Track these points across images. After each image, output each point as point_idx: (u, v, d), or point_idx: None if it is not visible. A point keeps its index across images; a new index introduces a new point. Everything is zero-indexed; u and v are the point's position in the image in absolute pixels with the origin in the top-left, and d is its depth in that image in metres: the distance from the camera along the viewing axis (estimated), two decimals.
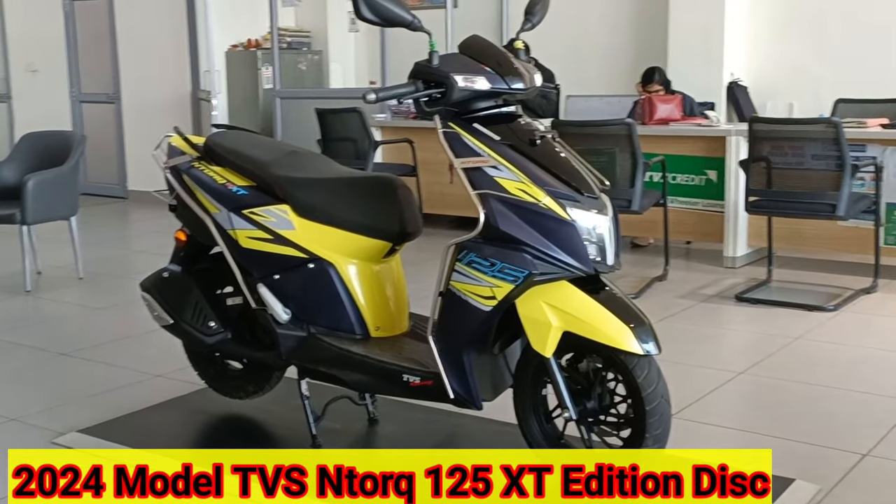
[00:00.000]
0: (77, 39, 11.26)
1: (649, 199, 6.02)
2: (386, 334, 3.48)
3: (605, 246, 3.01)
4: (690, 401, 4.03)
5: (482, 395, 3.16)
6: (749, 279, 6.20)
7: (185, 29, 10.23)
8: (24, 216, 6.18)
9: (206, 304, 3.70)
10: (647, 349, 2.91)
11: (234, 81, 10.02)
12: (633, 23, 8.80)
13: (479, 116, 3.06)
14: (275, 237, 3.43)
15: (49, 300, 6.16)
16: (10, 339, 5.26)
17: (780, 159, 5.59)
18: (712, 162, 6.67)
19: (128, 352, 4.92)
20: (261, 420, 3.90)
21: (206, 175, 3.58)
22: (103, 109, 11.07)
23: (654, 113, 6.97)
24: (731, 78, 8.26)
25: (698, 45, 8.16)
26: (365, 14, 2.93)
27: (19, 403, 4.20)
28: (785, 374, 4.42)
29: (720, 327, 5.26)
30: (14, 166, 6.68)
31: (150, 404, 4.11)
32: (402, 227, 3.42)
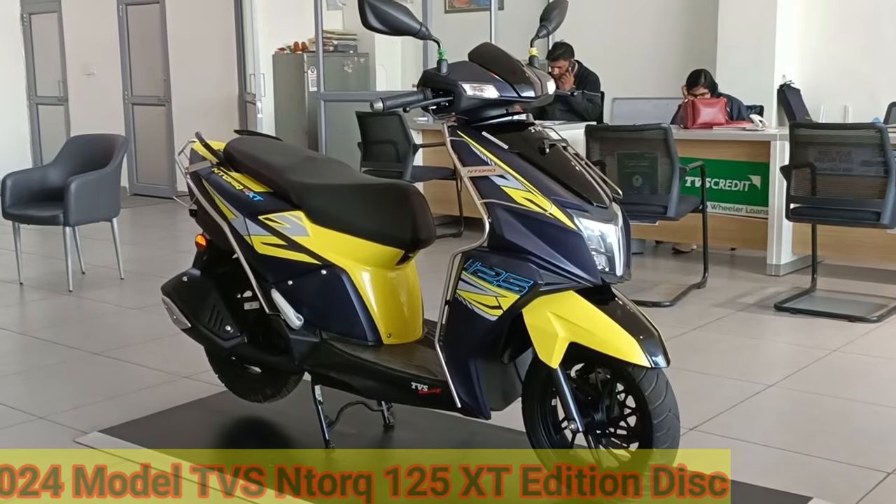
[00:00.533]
0: (130, 43, 11.44)
1: (687, 205, 5.93)
2: (398, 341, 3.47)
3: (613, 256, 2.96)
4: (713, 414, 3.95)
5: (491, 405, 3.14)
6: (792, 288, 6.08)
7: (233, 32, 10.34)
8: (67, 217, 6.30)
9: (223, 309, 3.72)
10: (655, 362, 2.86)
11: (280, 84, 10.08)
12: (682, 24, 8.68)
13: (489, 125, 3.03)
14: (289, 243, 3.44)
15: (89, 300, 6.26)
16: (47, 338, 5.36)
17: (823, 165, 5.47)
18: (756, 167, 6.55)
19: (158, 352, 4.98)
20: (277, 423, 3.92)
21: (224, 181, 3.61)
22: (154, 112, 11.23)
23: (698, 117, 6.87)
24: (783, 80, 8.10)
25: (749, 46, 8.02)
26: (371, 22, 2.92)
27: (48, 402, 4.27)
28: (816, 387, 4.32)
29: (755, 338, 5.15)
30: (60, 169, 6.80)
31: (173, 405, 4.16)
32: (415, 234, 3.41)
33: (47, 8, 12.21)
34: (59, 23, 12.12)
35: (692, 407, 3.97)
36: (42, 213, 6.44)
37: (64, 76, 12.20)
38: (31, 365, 4.94)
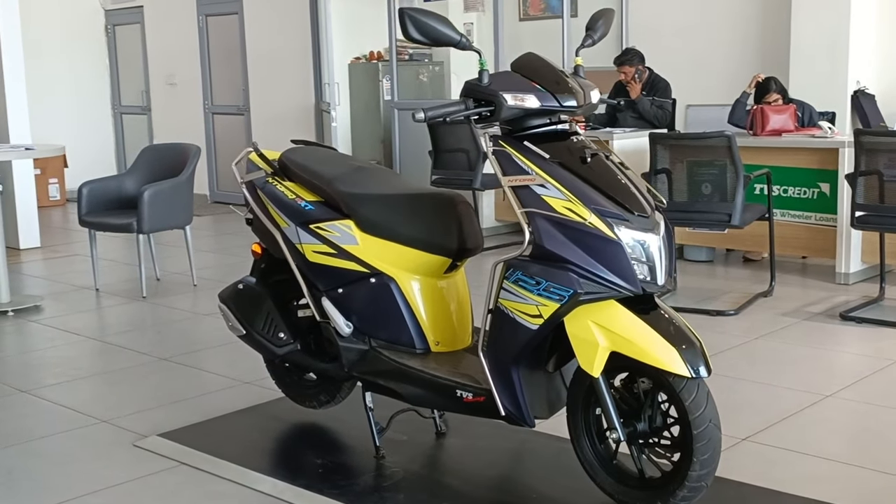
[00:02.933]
0: (210, 53, 11.71)
1: (752, 213, 5.86)
2: (447, 349, 3.51)
3: (654, 265, 2.95)
4: (767, 425, 3.91)
5: (536, 413, 3.16)
6: (861, 297, 5.96)
7: (310, 42, 10.51)
8: (141, 225, 6.48)
9: (277, 316, 3.80)
10: (696, 371, 2.85)
11: (355, 93, 10.22)
12: (756, 30, 8.56)
13: (531, 134, 3.06)
14: (339, 252, 3.50)
15: (162, 306, 6.43)
16: (119, 343, 5.52)
17: (891, 173, 5.37)
18: (825, 174, 6.45)
19: (224, 358, 5.09)
20: (331, 429, 3.98)
21: (278, 190, 3.69)
22: (234, 120, 11.48)
23: (767, 124, 6.79)
24: (857, 86, 7.94)
25: (822, 52, 7.87)
26: (413, 34, 2.97)
27: (112, 405, 4.41)
28: (876, 398, 4.24)
29: (818, 347, 5.07)
30: (134, 177, 7.00)
31: (232, 410, 4.26)
32: (462, 243, 3.45)
33: (131, 19, 12.57)
34: (142, 34, 12.48)
35: (747, 417, 3.95)
36: (117, 220, 6.63)
37: (147, 86, 12.54)
38: (100, 369, 5.10)
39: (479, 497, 3.39)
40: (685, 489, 2.93)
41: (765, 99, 7.08)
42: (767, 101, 7.05)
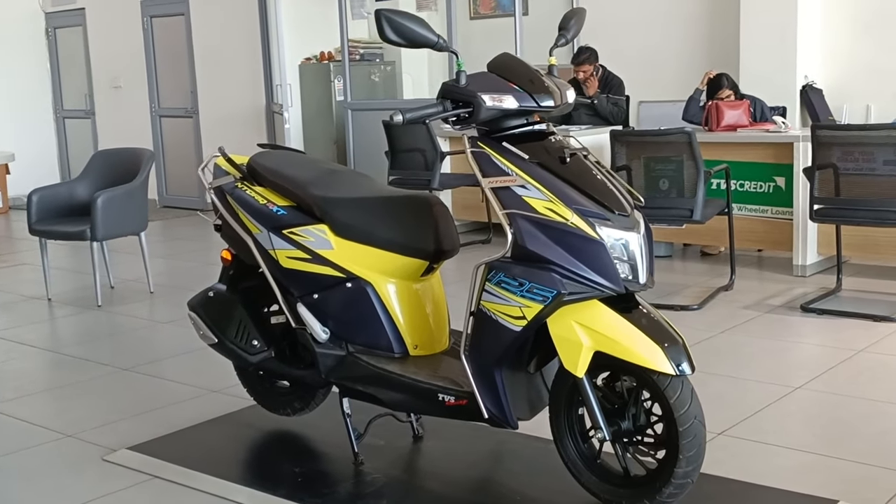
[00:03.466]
0: (156, 55, 11.54)
1: (712, 208, 5.91)
2: (425, 353, 3.48)
3: (636, 264, 2.96)
4: (741, 418, 3.94)
5: (518, 415, 3.14)
6: (819, 288, 6.04)
7: (259, 43, 10.40)
8: (95, 232, 6.35)
9: (250, 323, 3.75)
10: (681, 369, 2.86)
11: (307, 94, 10.13)
12: (705, 27, 8.64)
13: (510, 135, 3.04)
14: (313, 257, 3.46)
15: (118, 314, 6.31)
16: (77, 354, 5.40)
17: (845, 166, 5.45)
18: (781, 168, 6.52)
19: (188, 367, 5.01)
20: (307, 436, 3.93)
21: (248, 195, 3.63)
22: (182, 123, 11.32)
23: (722, 119, 6.84)
24: (806, 81, 8.05)
25: (771, 47, 7.97)
26: (389, 36, 2.94)
27: (77, 419, 4.31)
28: (843, 389, 4.30)
29: (782, 339, 5.13)
30: (86, 183, 6.87)
31: (202, 420, 4.18)
32: (439, 245, 3.42)
33: (72, 22, 12.35)
34: (84, 36, 12.26)
35: (720, 411, 3.97)
36: (69, 228, 6.50)
37: (90, 89, 12.33)
38: (60, 382, 4.98)
39: (465, 500, 3.37)
40: (671, 486, 2.94)
41: (717, 95, 7.14)
42: (720, 97, 7.12)
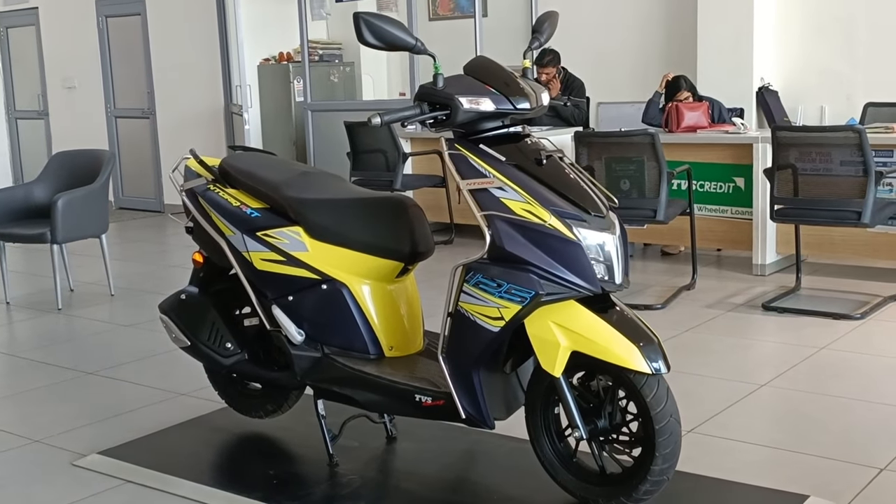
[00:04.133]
0: (112, 55, 11.42)
1: (675, 208, 5.99)
2: (400, 354, 3.49)
3: (612, 265, 3.00)
4: (709, 415, 4.00)
5: (494, 415, 3.16)
6: (778, 287, 6.14)
7: (217, 44, 10.35)
8: (55, 235, 6.28)
9: (222, 326, 3.73)
10: (656, 368, 2.90)
11: (266, 95, 10.10)
12: (663, 29, 8.74)
13: (486, 137, 3.07)
14: (288, 259, 3.45)
15: (79, 318, 6.25)
16: (39, 359, 5.34)
17: (804, 167, 5.54)
18: (740, 169, 6.62)
19: (154, 370, 4.97)
20: (280, 439, 3.92)
21: (221, 198, 3.62)
22: (138, 124, 11.22)
23: (682, 120, 6.93)
24: (762, 82, 8.18)
25: (728, 50, 8.09)
26: (367, 39, 2.95)
27: (44, 424, 4.26)
28: (807, 385, 4.38)
29: (745, 337, 5.21)
30: (45, 185, 6.79)
31: (172, 424, 4.16)
32: (414, 247, 3.44)
33: (25, 21, 12.17)
34: (37, 36, 12.09)
35: (688, 409, 3.98)
36: (28, 231, 6.42)
37: (44, 89, 12.17)
38: (23, 387, 4.90)
39: (442, 500, 3.39)
40: (648, 483, 2.98)
41: (676, 97, 7.23)
42: (679, 98, 7.21)
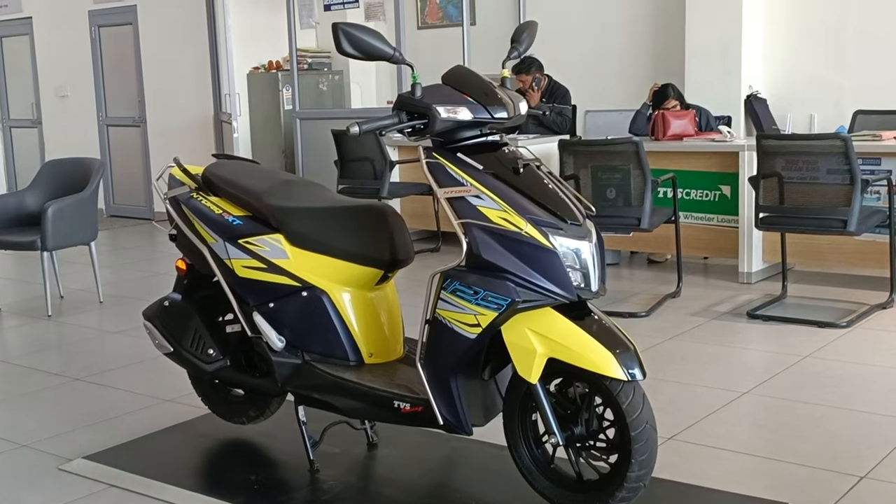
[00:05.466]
0: (104, 64, 11.46)
1: (660, 216, 6.02)
2: (380, 360, 3.52)
3: (588, 272, 3.02)
4: (690, 423, 4.02)
5: (473, 421, 3.19)
6: (764, 295, 6.17)
7: (207, 52, 10.39)
8: (45, 242, 6.32)
9: (205, 332, 3.76)
10: (632, 374, 2.92)
11: (255, 103, 10.13)
12: (651, 37, 8.79)
13: (464, 146, 3.10)
14: (269, 266, 3.48)
15: (68, 324, 6.27)
16: (27, 364, 5.37)
17: (790, 175, 5.57)
18: (726, 177, 6.66)
19: (140, 376, 5.00)
20: (262, 445, 3.95)
21: (203, 205, 3.65)
22: (130, 133, 11.25)
23: (668, 129, 6.96)
24: (750, 90, 8.22)
25: (716, 58, 8.14)
26: (346, 49, 2.98)
27: (30, 429, 4.29)
28: (790, 393, 4.40)
29: (729, 345, 5.24)
30: (36, 193, 6.83)
31: (157, 429, 4.19)
32: (394, 254, 3.47)
33: (19, 31, 12.21)
34: (31, 45, 12.13)
35: (670, 416, 4.05)
36: (19, 238, 6.46)
37: (37, 98, 12.21)
38: (12, 392, 4.94)
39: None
40: (624, 490, 3.00)
41: (663, 105, 7.27)
42: (666, 107, 7.25)
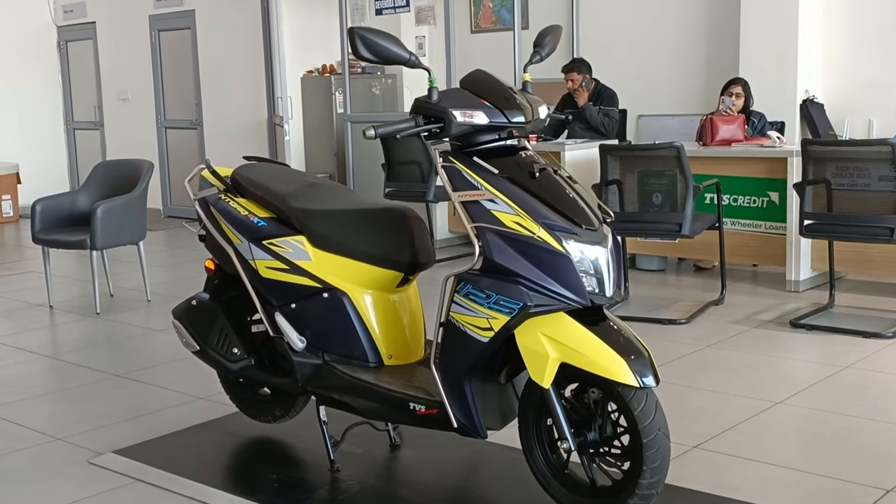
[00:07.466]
0: (163, 68, 11.67)
1: (702, 222, 5.95)
2: (400, 362, 3.54)
3: (603, 278, 3.00)
4: (718, 432, 3.97)
5: (488, 425, 3.19)
6: (811, 304, 6.06)
7: (262, 56, 10.51)
8: (94, 242, 6.45)
9: (231, 331, 3.81)
10: (644, 381, 2.90)
11: (309, 106, 10.23)
12: (705, 41, 8.69)
13: (481, 150, 3.10)
14: (291, 267, 3.52)
15: (115, 322, 6.39)
16: (72, 360, 5.48)
17: (838, 181, 5.47)
18: (775, 183, 6.56)
19: (178, 374, 5.08)
20: (286, 443, 3.99)
21: (230, 207, 3.70)
22: (187, 135, 11.44)
23: (716, 134, 6.88)
24: (806, 95, 8.08)
25: (771, 62, 8.01)
26: (362, 53, 3.00)
27: (67, 423, 4.38)
28: (825, 404, 4.32)
29: (768, 355, 5.15)
30: (87, 194, 6.98)
31: (187, 426, 4.25)
32: (414, 257, 3.48)
33: (83, 35, 12.49)
34: (94, 50, 12.40)
35: (698, 425, 4.01)
36: (70, 237, 6.60)
37: (100, 101, 12.47)
38: (55, 387, 5.06)
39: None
40: (636, 497, 2.98)
41: (729, 90, 7.19)
42: (730, 92, 7.17)
